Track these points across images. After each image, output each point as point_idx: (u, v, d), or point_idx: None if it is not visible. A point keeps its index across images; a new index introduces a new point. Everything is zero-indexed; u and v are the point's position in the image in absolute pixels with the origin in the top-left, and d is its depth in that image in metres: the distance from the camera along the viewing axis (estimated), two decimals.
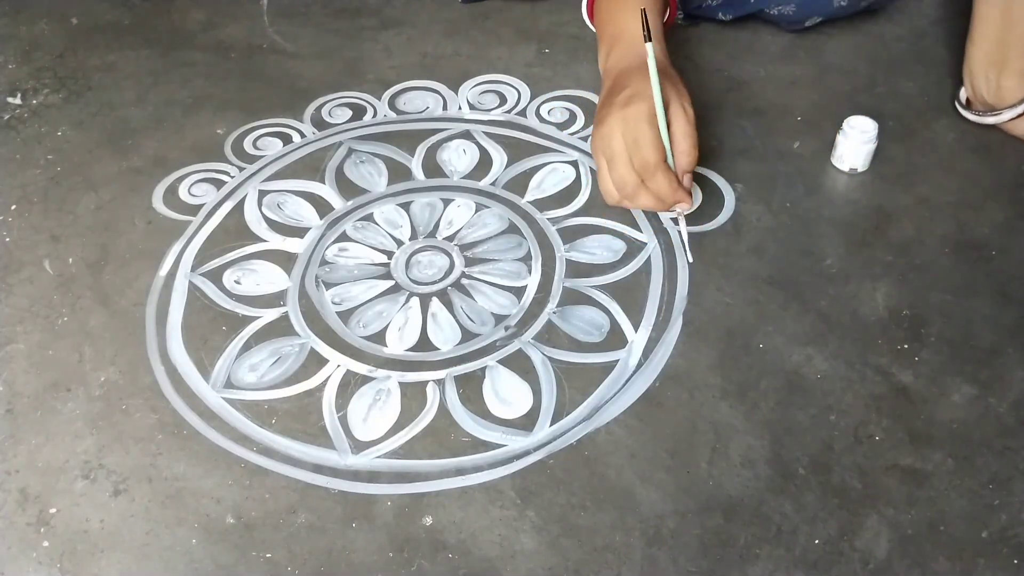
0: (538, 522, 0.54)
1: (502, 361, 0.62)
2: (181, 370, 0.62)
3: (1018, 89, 0.75)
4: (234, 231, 0.72)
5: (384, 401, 0.60)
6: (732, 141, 0.79)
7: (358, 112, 0.84)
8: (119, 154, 0.80)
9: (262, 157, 0.79)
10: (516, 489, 0.55)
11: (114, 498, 0.56)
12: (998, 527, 0.53)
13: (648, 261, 0.69)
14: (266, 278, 0.69)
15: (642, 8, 0.59)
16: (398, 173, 0.77)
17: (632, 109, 0.62)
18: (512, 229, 0.72)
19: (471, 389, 0.61)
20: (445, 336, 0.64)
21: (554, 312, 0.66)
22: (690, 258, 0.67)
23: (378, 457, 0.57)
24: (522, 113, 0.83)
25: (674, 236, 0.70)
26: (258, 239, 0.72)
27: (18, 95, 0.87)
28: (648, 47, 0.61)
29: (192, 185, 0.77)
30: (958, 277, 0.67)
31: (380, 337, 0.64)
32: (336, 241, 0.71)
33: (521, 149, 0.79)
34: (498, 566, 0.52)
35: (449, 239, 0.71)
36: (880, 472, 0.55)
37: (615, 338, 0.64)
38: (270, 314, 0.66)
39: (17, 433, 0.59)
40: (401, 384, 0.61)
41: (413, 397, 0.60)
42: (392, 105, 0.85)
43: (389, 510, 0.55)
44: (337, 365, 0.62)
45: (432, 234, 0.72)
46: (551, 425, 0.59)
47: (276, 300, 0.67)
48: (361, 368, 0.62)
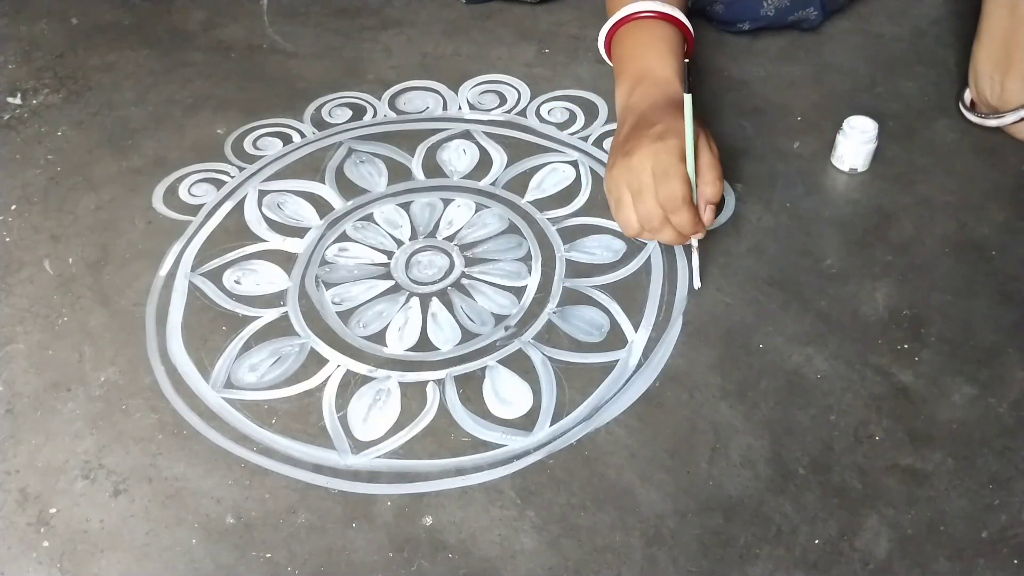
0: (538, 522, 0.54)
1: (502, 361, 0.62)
2: (181, 370, 0.62)
3: (1022, 92, 0.75)
4: (234, 231, 0.72)
5: (384, 401, 0.60)
6: (732, 141, 0.79)
7: (358, 112, 0.84)
8: (119, 154, 0.80)
9: (262, 157, 0.79)
10: (516, 489, 0.55)
11: (114, 498, 0.56)
12: (998, 527, 0.53)
13: (648, 261, 0.69)
14: (266, 278, 0.69)
15: (686, 60, 0.59)
16: (398, 173, 0.77)
17: (666, 144, 0.61)
18: (512, 229, 0.72)
19: (471, 389, 0.61)
20: (445, 336, 0.64)
21: (554, 312, 0.65)
22: (698, 283, 0.66)
23: (378, 457, 0.57)
24: (522, 113, 0.83)
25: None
26: (258, 239, 0.72)
27: (18, 95, 0.87)
28: (687, 98, 0.60)
29: (192, 185, 0.77)
30: (958, 277, 0.67)
31: (380, 337, 0.64)
32: (336, 241, 0.71)
33: (521, 149, 0.79)
34: (498, 566, 0.52)
35: (449, 239, 0.71)
36: (880, 472, 0.55)
37: (615, 338, 0.64)
38: (270, 314, 0.66)
39: (17, 433, 0.59)
40: (401, 384, 0.61)
41: (413, 397, 0.60)
42: (392, 105, 0.84)
43: (389, 510, 0.55)
44: (337, 365, 0.62)
45: (432, 234, 0.72)
46: (551, 425, 0.59)
47: (276, 300, 0.67)
48: (361, 368, 0.62)
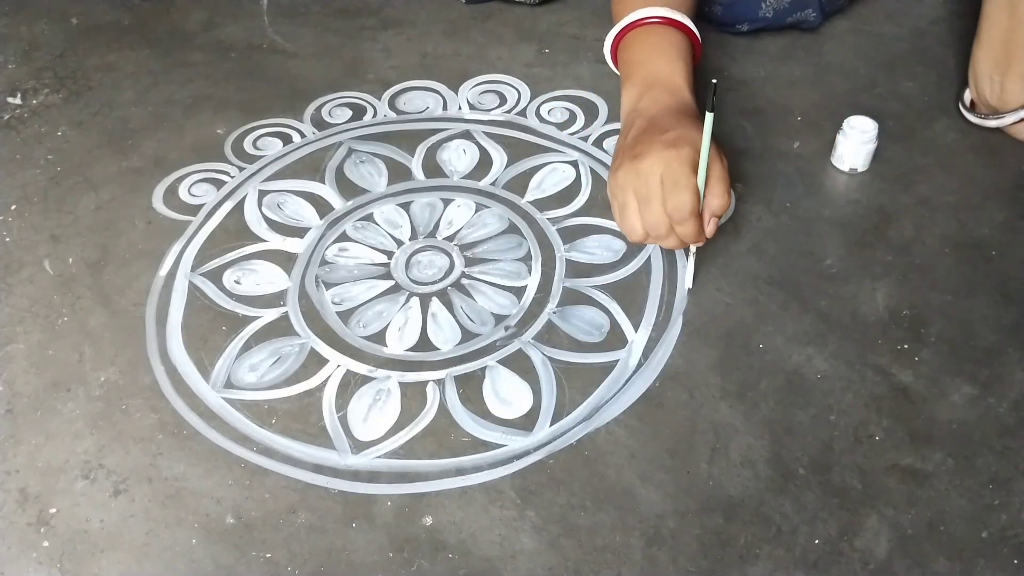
0: (538, 522, 0.54)
1: (502, 361, 0.62)
2: (181, 370, 0.62)
3: (1022, 93, 0.74)
4: (234, 231, 0.72)
5: (384, 401, 0.60)
6: (732, 141, 0.79)
7: (358, 112, 0.84)
8: (119, 154, 0.80)
9: (262, 157, 0.79)
10: (516, 489, 0.55)
11: (114, 498, 0.56)
12: (998, 527, 0.53)
13: (648, 261, 0.69)
14: (266, 278, 0.69)
15: (714, 81, 0.58)
16: (398, 173, 0.77)
17: (679, 152, 0.60)
18: (512, 229, 0.72)
19: (471, 389, 0.61)
20: (445, 336, 0.64)
21: (554, 312, 0.65)
22: (690, 284, 0.66)
23: (378, 457, 0.57)
24: (522, 113, 0.83)
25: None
26: (258, 239, 0.72)
27: (18, 95, 0.87)
28: (708, 116, 0.60)
29: (192, 185, 0.77)
30: (958, 277, 0.67)
31: (380, 337, 0.64)
32: (336, 241, 0.71)
33: (521, 149, 0.79)
34: (498, 566, 0.52)
35: (449, 239, 0.71)
36: (880, 472, 0.55)
37: (615, 338, 0.64)
38: (270, 314, 0.66)
39: (17, 433, 0.59)
40: (401, 384, 0.61)
41: (413, 397, 0.60)
42: (392, 105, 0.84)
43: (389, 510, 0.55)
44: (337, 365, 0.62)
45: (432, 234, 0.72)
46: (551, 425, 0.59)
47: (276, 300, 0.67)
48: (361, 368, 0.62)
